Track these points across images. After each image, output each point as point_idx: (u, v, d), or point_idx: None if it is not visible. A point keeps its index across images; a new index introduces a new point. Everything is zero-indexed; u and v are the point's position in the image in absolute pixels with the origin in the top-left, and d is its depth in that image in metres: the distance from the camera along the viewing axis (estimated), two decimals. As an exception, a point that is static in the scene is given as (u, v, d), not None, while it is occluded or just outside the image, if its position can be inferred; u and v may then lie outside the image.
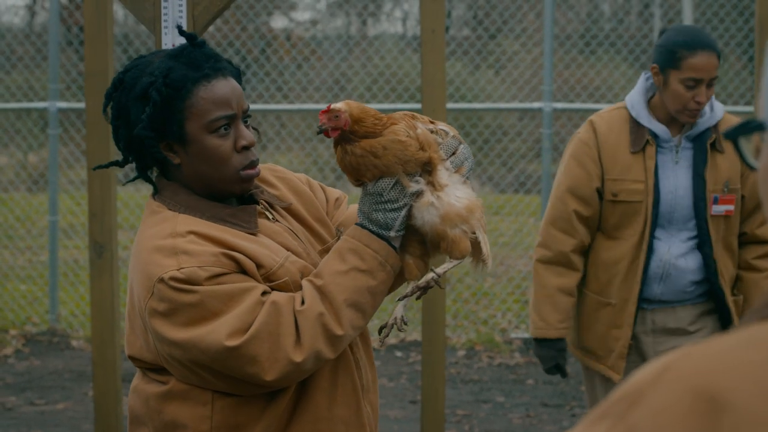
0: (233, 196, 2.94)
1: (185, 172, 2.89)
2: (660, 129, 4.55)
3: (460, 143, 2.92)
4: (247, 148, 2.86)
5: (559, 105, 9.46)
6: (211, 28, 14.61)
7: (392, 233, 2.83)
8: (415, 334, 9.41)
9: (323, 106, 10.66)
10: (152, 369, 2.89)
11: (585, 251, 4.69)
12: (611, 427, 1.12)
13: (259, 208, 2.96)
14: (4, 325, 9.49)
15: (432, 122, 2.92)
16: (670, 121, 4.58)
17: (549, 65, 9.30)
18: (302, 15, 18.98)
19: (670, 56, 4.47)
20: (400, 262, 2.87)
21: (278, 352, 2.73)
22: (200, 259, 2.74)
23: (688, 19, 11.69)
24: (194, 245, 2.76)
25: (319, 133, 2.80)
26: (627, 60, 12.87)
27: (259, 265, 2.81)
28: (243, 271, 2.78)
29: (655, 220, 4.55)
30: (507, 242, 11.69)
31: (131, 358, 2.91)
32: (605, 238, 4.65)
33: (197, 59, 2.84)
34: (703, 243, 4.58)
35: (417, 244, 2.89)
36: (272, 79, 12.33)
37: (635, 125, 4.58)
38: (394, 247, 2.84)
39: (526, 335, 9.44)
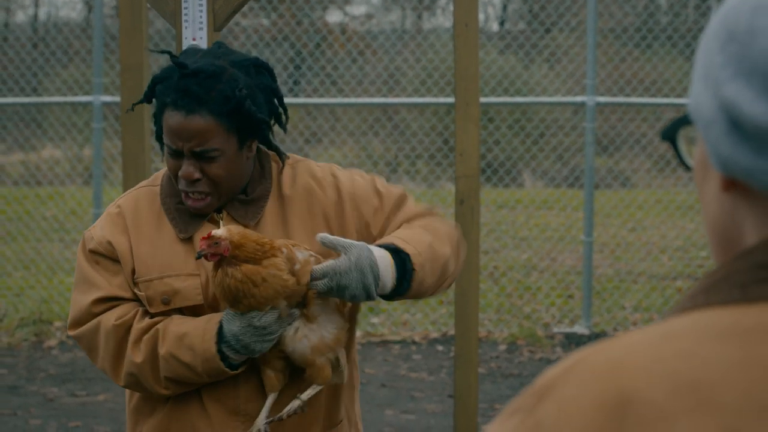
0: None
1: None
2: None
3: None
4: (185, 179, 2.98)
5: (602, 99, 9.41)
6: (266, 22, 14.63)
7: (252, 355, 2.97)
8: (456, 328, 9.40)
9: (377, 100, 10.59)
10: None
11: None
12: (521, 422, 1.11)
13: (218, 216, 3.06)
14: (49, 317, 9.58)
15: (307, 249, 2.98)
16: None
17: (592, 59, 9.25)
18: (357, 9, 19.02)
19: None
20: (228, 374, 2.99)
21: (98, 362, 3.06)
22: (97, 232, 3.06)
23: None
24: (108, 220, 3.07)
25: (198, 258, 2.88)
26: (683, 54, 12.78)
27: (133, 269, 3.03)
28: (118, 259, 3.05)
29: None
30: (551, 236, 11.65)
31: None
32: None
33: (175, 86, 2.93)
34: None
35: (279, 360, 2.99)
36: (327, 73, 12.36)
37: None
38: (233, 365, 2.98)
39: (569, 330, 9.41)
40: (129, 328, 3.00)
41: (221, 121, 2.91)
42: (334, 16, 18.07)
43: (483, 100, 9.83)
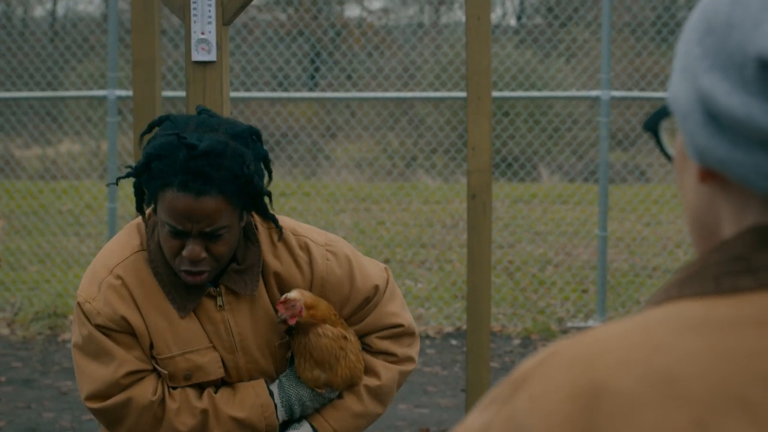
0: None
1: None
2: None
3: None
4: (191, 259, 2.91)
5: (617, 93, 9.39)
6: (282, 17, 14.64)
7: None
8: (470, 323, 9.39)
9: (392, 95, 10.57)
10: None
11: None
12: (497, 412, 1.12)
13: (215, 291, 3.03)
14: (64, 311, 9.61)
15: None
16: None
17: (607, 53, 9.23)
18: (374, 4, 19.03)
19: None
20: None
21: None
22: (104, 308, 2.96)
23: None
24: (111, 292, 2.96)
25: (280, 322, 2.98)
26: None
27: (151, 344, 2.99)
28: (135, 334, 2.98)
29: None
30: (565, 231, 11.63)
31: None
32: None
33: (182, 167, 2.82)
34: None
35: None
36: (342, 67, 12.36)
37: None
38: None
39: (583, 324, 9.40)
40: (163, 401, 3.02)
41: (230, 199, 2.86)
42: (351, 11, 18.08)
43: (498, 94, 9.83)
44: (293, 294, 2.96)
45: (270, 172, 3.03)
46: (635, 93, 9.94)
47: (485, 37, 4.94)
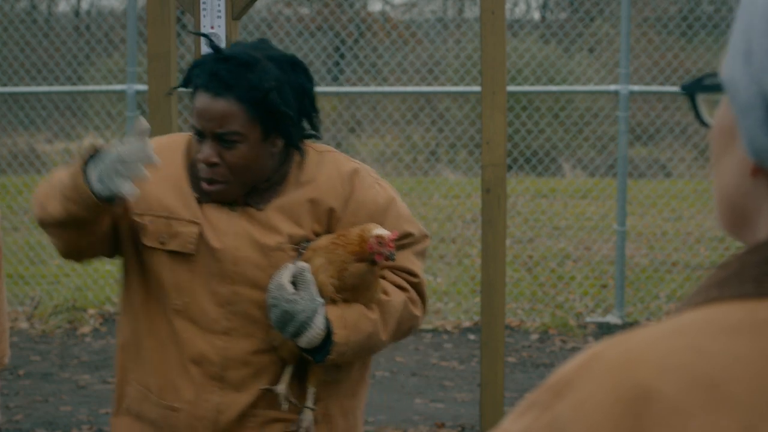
0: None
1: None
2: None
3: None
4: (204, 163, 3.04)
5: (636, 88, 9.37)
6: (306, 11, 14.64)
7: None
8: (488, 318, 9.37)
9: (412, 89, 10.55)
10: None
11: None
12: (537, 417, 1.10)
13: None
14: (83, 305, 9.64)
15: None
16: None
17: (626, 48, 9.21)
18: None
19: None
20: (87, 196, 2.94)
21: None
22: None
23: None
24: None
25: (391, 260, 3.01)
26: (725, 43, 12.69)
27: (142, 198, 3.07)
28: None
29: None
30: (583, 225, 11.60)
31: None
32: None
33: (208, 70, 3.02)
34: None
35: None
36: (360, 62, 12.36)
37: None
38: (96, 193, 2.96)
39: (601, 319, 9.37)
40: None
41: (245, 108, 3.00)
42: (374, 6, 18.09)
43: (518, 88, 9.83)
44: (384, 230, 3.01)
45: (317, 111, 3.16)
46: (654, 87, 9.92)
47: (500, 31, 4.92)
